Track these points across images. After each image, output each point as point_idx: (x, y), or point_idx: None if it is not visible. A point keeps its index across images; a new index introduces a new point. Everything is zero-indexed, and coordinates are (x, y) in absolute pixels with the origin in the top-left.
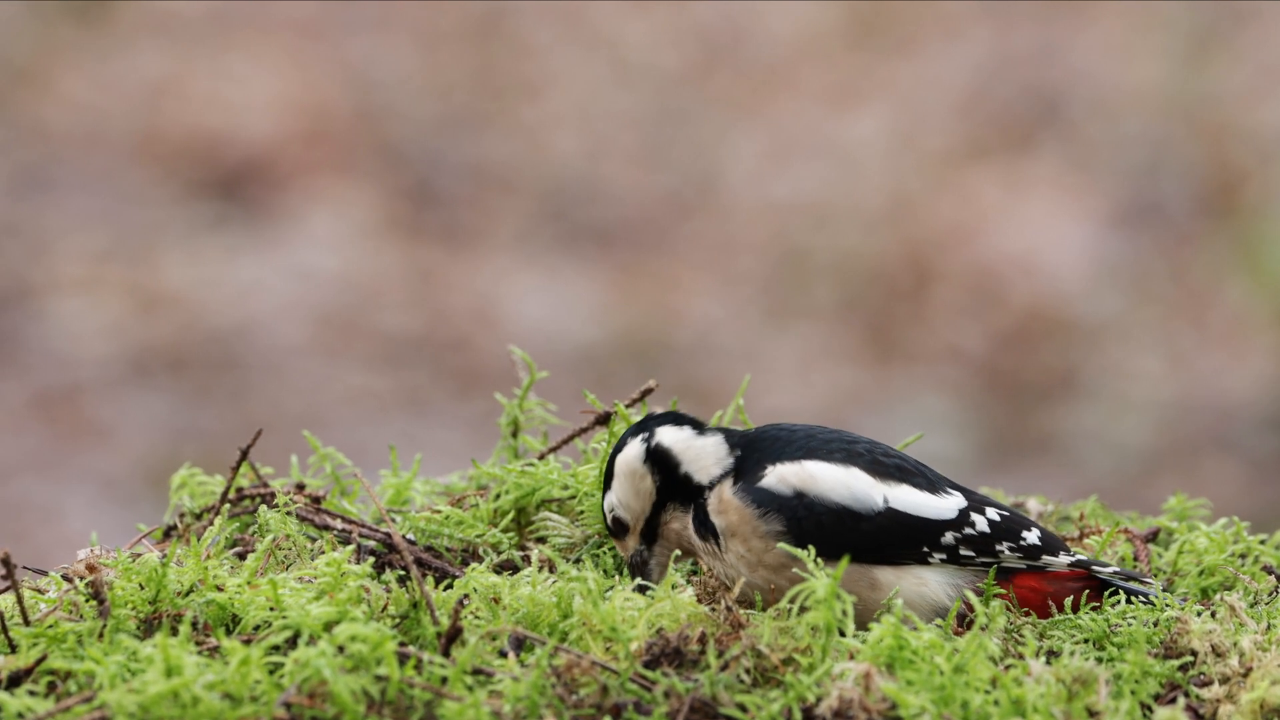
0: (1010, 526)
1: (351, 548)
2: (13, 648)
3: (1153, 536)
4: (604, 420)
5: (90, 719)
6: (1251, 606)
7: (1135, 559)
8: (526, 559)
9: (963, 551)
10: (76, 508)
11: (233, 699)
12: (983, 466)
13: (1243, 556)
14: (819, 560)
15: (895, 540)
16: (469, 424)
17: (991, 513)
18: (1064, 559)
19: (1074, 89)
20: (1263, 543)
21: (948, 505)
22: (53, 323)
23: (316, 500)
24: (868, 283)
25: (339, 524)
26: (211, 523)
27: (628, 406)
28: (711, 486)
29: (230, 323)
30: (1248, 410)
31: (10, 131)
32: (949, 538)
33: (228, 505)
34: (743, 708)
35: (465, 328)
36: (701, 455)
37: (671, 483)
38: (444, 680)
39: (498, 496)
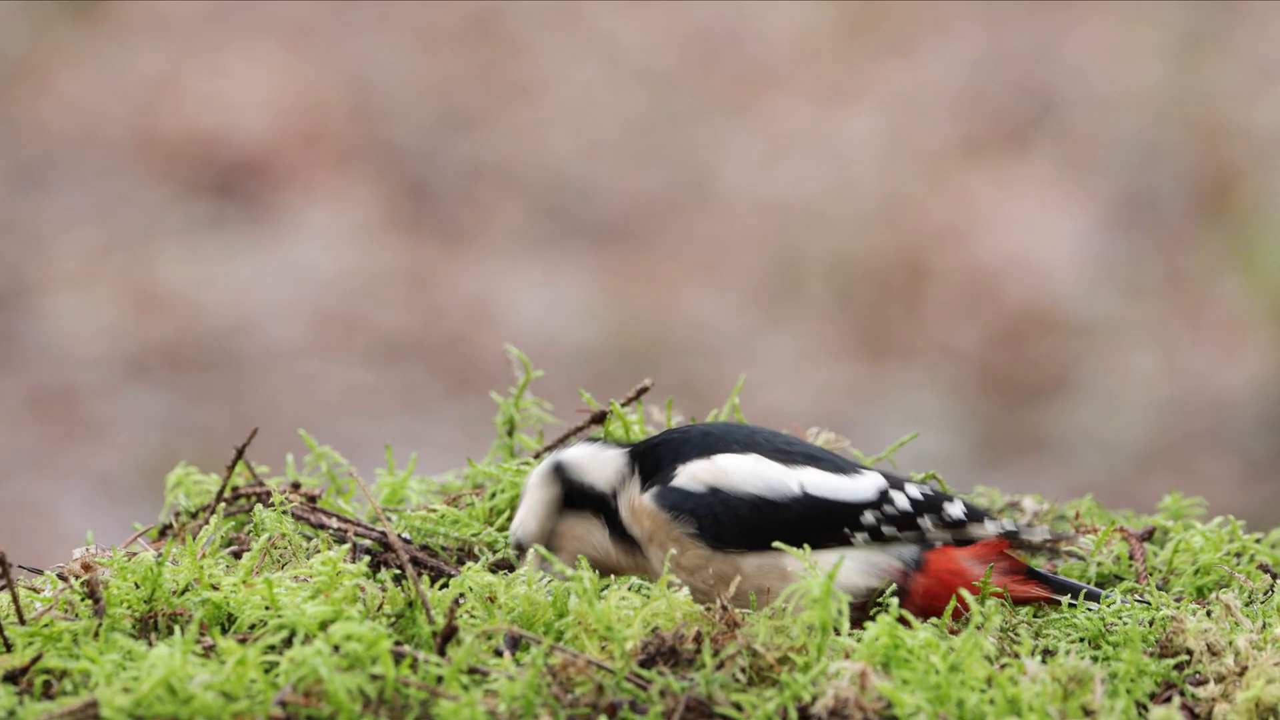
0: (932, 501)
1: (347, 547)
2: (8, 646)
3: (1148, 535)
4: (599, 419)
5: (84, 715)
6: (1247, 605)
7: (1131, 557)
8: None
9: (885, 530)
10: (72, 506)
11: (228, 697)
12: (977, 465)
13: (1238, 555)
14: (738, 552)
15: (814, 526)
16: (465, 423)
17: (912, 489)
18: (991, 528)
19: (1068, 88)
20: (1258, 541)
21: (864, 485)
22: (49, 321)
23: (312, 499)
24: (862, 281)
25: (334, 523)
26: (207, 521)
27: (623, 405)
28: (615, 494)
29: (227, 321)
30: (1243, 408)
31: (6, 130)
32: (869, 517)
33: (223, 504)
34: (738, 707)
35: (461, 326)
36: (604, 466)
37: (573, 492)
38: (439, 679)
39: (493, 495)
